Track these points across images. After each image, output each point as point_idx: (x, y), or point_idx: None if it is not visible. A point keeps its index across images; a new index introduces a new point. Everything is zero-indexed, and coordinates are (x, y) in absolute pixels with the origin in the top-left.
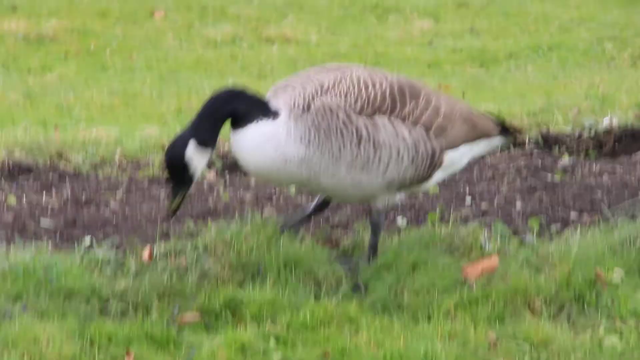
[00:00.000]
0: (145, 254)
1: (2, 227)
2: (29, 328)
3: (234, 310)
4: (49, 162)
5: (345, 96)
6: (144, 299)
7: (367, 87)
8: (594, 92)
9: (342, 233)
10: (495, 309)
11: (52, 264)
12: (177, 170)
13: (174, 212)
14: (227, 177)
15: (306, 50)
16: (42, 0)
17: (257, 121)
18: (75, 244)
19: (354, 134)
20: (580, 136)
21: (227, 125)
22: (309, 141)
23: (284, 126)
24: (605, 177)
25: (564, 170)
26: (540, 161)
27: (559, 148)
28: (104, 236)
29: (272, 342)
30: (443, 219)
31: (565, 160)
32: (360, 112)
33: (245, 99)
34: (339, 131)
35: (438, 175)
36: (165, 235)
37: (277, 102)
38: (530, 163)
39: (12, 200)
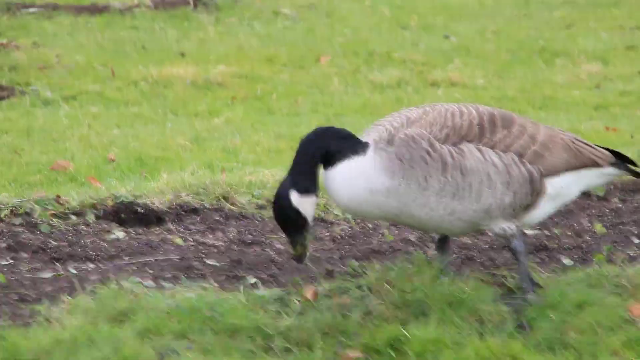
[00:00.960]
0: (310, 292)
1: (169, 267)
2: None
3: (397, 347)
4: (215, 204)
5: (430, 126)
6: (307, 337)
7: (453, 117)
8: None
9: (507, 273)
10: None
11: (217, 303)
12: (288, 219)
13: (301, 258)
14: None
15: (473, 93)
16: (210, 47)
17: (348, 159)
18: (240, 284)
19: (439, 161)
20: None
21: None
22: (393, 172)
23: (371, 160)
24: None
25: None
26: None
27: None
28: (268, 276)
29: None
30: (610, 260)
31: None
32: (445, 141)
33: (335, 138)
34: (422, 160)
35: (547, 205)
36: (329, 275)
37: (367, 138)
38: None
39: (178, 241)
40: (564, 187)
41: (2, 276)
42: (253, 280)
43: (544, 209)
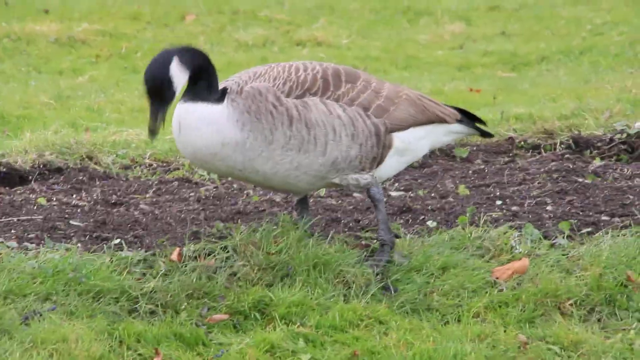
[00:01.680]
0: (175, 254)
1: (32, 227)
2: (58, 327)
3: (262, 310)
4: (79, 164)
5: (274, 80)
6: (172, 299)
7: (297, 72)
8: (625, 96)
9: (372, 234)
10: (525, 311)
11: (81, 265)
12: (161, 88)
13: (155, 131)
14: None
15: (337, 53)
16: (73, 4)
17: (206, 102)
18: (105, 245)
19: (284, 114)
20: (611, 140)
21: None
22: (243, 124)
23: (225, 109)
24: (637, 181)
25: (595, 173)
26: (571, 164)
27: (591, 151)
28: (133, 237)
29: (301, 342)
30: (473, 222)
31: (597, 163)
32: (289, 94)
33: (213, 71)
34: (269, 113)
35: (396, 159)
36: (195, 237)
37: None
38: (561, 166)
39: (42, 201)
40: (411, 142)
41: None
42: (117, 241)
43: (392, 164)
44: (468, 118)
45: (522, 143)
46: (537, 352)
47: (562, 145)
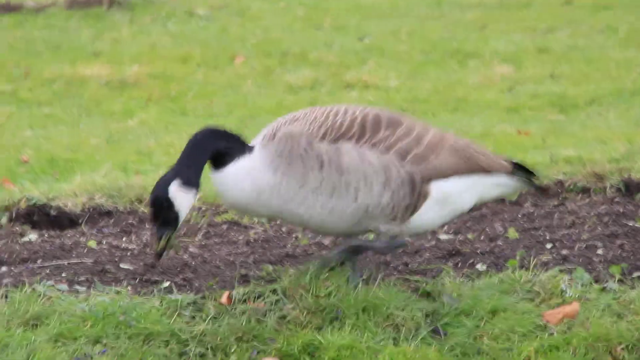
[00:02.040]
0: (224, 297)
1: (82, 271)
2: None
3: (312, 354)
4: (129, 207)
5: (310, 123)
6: (222, 343)
7: (335, 116)
8: None
9: (421, 278)
10: (576, 356)
11: (131, 308)
12: (160, 209)
13: (160, 254)
14: None
15: (385, 95)
16: (124, 47)
17: (236, 160)
18: (154, 288)
19: (315, 159)
20: None
21: None
22: (275, 168)
23: (256, 158)
24: None
25: None
26: (621, 208)
27: None
28: (182, 280)
29: None
30: (523, 266)
31: None
32: (323, 139)
33: (225, 138)
34: (299, 157)
35: (434, 210)
36: (244, 280)
37: (256, 138)
38: (611, 210)
39: (92, 244)
40: (452, 193)
41: None
42: (167, 284)
43: (429, 214)
44: (523, 171)
45: (572, 186)
46: None
47: (612, 189)
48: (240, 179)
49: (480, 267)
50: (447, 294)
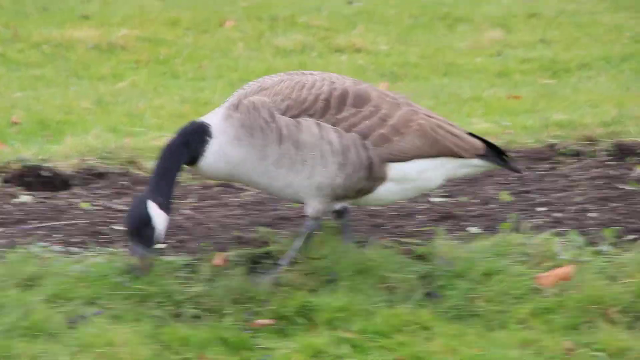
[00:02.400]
0: (219, 259)
1: (77, 232)
2: (104, 331)
3: (307, 315)
4: (121, 169)
5: (275, 95)
6: (217, 304)
7: (301, 89)
8: None
9: (416, 240)
10: (570, 318)
11: (125, 269)
12: (139, 228)
13: (146, 270)
14: None
15: (375, 59)
16: (113, 10)
17: (204, 153)
18: None
19: (275, 132)
20: None
21: None
22: (239, 140)
23: (221, 125)
24: None
25: (638, 181)
26: (613, 171)
27: (632, 158)
28: (177, 242)
29: (345, 347)
30: (516, 228)
31: (639, 170)
32: (285, 112)
33: (184, 144)
34: (260, 128)
35: (393, 188)
36: (239, 242)
37: (216, 109)
38: (603, 173)
39: (85, 205)
40: (411, 173)
41: None
42: (161, 245)
43: (390, 192)
44: (495, 150)
45: (564, 150)
46: (583, 358)
47: (604, 152)
48: (215, 161)
49: (473, 229)
50: (441, 257)
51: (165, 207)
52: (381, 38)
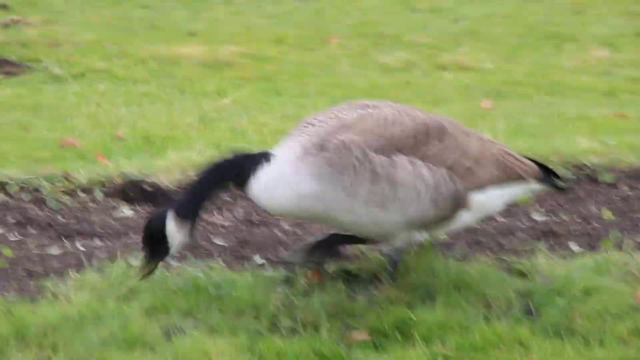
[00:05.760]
0: (316, 273)
1: None
2: (200, 343)
3: (403, 330)
4: None
5: (363, 134)
6: (313, 318)
7: (392, 126)
8: None
9: (515, 258)
10: None
11: (224, 282)
12: (154, 240)
13: (145, 277)
14: None
15: (481, 77)
16: (219, 27)
17: (260, 169)
18: (247, 263)
19: (369, 171)
20: None
21: None
22: (321, 177)
23: (294, 165)
24: None
25: None
26: None
27: None
28: (275, 256)
29: None
30: (618, 247)
31: None
32: (377, 151)
33: (234, 164)
34: (352, 167)
35: (466, 218)
36: (336, 256)
37: (293, 141)
38: None
39: None
40: (488, 202)
41: (10, 251)
42: (260, 260)
43: (462, 222)
44: (548, 173)
45: None
46: None
47: None
48: (275, 184)
49: (574, 248)
50: (541, 274)
51: (185, 215)
52: (487, 56)
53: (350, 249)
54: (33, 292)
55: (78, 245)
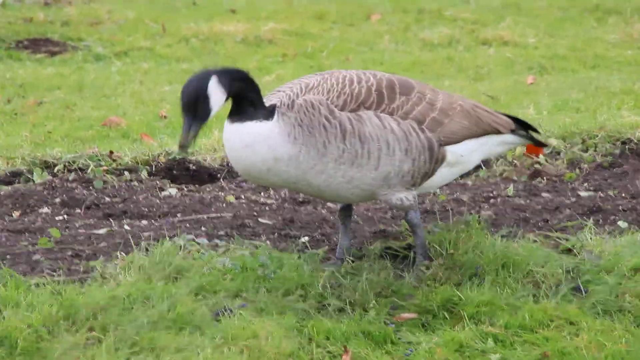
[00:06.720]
0: (363, 252)
1: (222, 225)
2: (249, 324)
3: (451, 310)
4: None
5: (328, 92)
6: (361, 298)
7: (351, 84)
8: None
9: (562, 234)
10: None
11: (270, 262)
12: (195, 102)
13: (186, 146)
14: None
15: (523, 52)
16: (260, 4)
17: (255, 120)
18: (293, 243)
19: (338, 128)
20: None
21: None
22: (295, 138)
23: (276, 124)
24: None
25: None
26: None
27: None
28: (321, 235)
29: (490, 342)
30: None
31: None
32: (343, 108)
33: (255, 89)
34: (321, 126)
35: (445, 172)
36: (382, 235)
37: (269, 103)
38: None
39: (231, 199)
40: (464, 155)
41: (56, 231)
42: (306, 239)
43: (442, 177)
44: (524, 127)
45: None
46: None
47: None
48: (257, 142)
49: (622, 224)
50: (588, 251)
51: (225, 84)
52: (529, 31)
53: (396, 227)
54: (80, 273)
55: (124, 225)
